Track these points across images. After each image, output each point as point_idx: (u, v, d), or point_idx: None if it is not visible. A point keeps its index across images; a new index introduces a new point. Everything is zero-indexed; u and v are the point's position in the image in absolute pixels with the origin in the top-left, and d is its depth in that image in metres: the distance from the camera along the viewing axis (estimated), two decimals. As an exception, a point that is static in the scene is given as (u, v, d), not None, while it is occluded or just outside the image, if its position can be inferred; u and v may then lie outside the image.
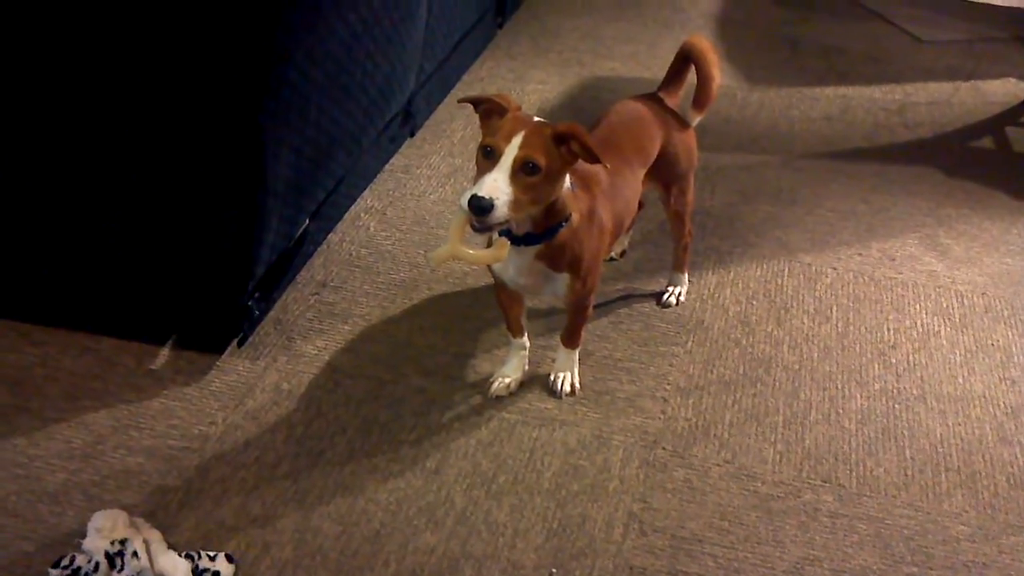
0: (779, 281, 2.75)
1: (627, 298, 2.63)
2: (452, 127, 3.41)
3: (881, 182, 3.27)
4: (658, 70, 2.50)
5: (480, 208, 1.71)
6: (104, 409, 2.18)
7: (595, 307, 2.38)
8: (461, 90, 3.67)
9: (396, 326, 2.48)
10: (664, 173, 2.34)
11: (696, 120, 2.39)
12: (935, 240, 2.97)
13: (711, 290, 2.69)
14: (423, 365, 2.36)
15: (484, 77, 3.79)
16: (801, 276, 2.77)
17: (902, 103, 3.83)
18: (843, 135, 3.57)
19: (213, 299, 2.31)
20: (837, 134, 3.58)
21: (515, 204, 1.75)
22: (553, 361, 2.34)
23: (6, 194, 2.22)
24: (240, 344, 2.38)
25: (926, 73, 4.11)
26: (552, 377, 2.31)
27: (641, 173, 2.26)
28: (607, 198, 2.09)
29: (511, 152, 1.75)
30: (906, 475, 2.15)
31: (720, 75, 2.38)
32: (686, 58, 2.37)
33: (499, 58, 3.96)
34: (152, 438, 2.12)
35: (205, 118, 2.04)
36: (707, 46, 2.36)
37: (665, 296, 2.62)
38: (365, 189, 3.02)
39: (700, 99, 2.35)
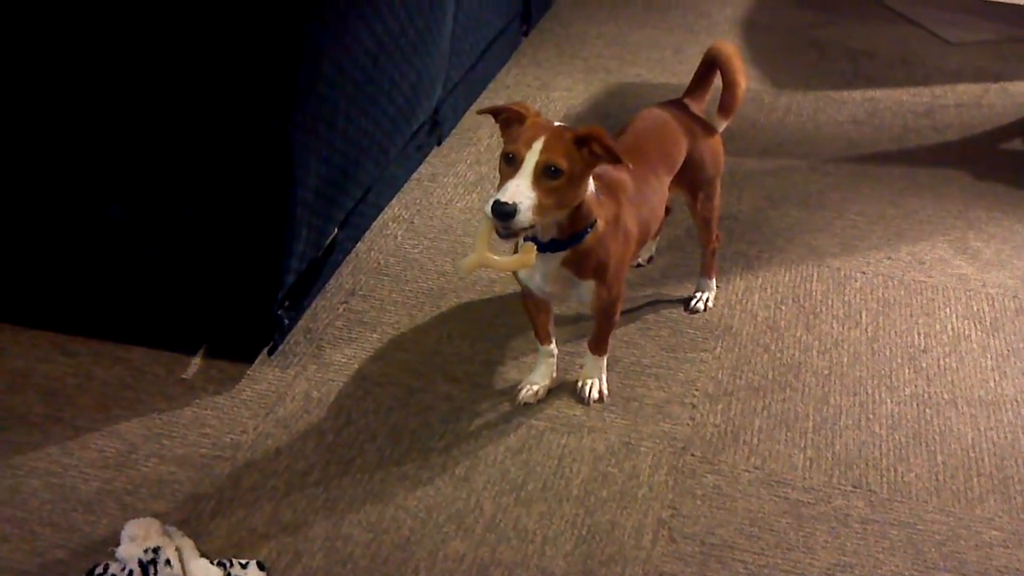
0: (808, 286, 2.74)
1: (655, 304, 2.62)
2: (478, 135, 3.42)
3: (910, 185, 3.25)
4: (684, 76, 2.50)
5: (504, 213, 1.73)
6: (136, 418, 2.21)
7: (622, 313, 2.38)
8: (487, 98, 3.68)
9: (424, 334, 2.49)
10: (690, 179, 2.34)
11: (722, 126, 2.39)
12: (965, 243, 2.95)
13: (739, 295, 2.68)
14: (451, 373, 2.37)
15: (510, 85, 3.80)
16: (830, 280, 2.76)
17: (930, 106, 3.80)
18: (871, 138, 3.55)
19: (243, 309, 2.33)
20: (865, 137, 3.56)
21: (539, 208, 1.76)
22: (581, 368, 2.34)
23: (39, 205, 2.25)
24: (270, 353, 2.40)
25: (954, 75, 4.08)
26: (580, 384, 2.31)
27: (667, 179, 2.26)
28: (633, 204, 2.09)
29: (532, 157, 1.76)
30: (937, 480, 2.14)
31: (746, 81, 2.38)
32: (711, 64, 2.37)
33: (525, 65, 3.97)
34: (184, 447, 2.14)
35: (234, 129, 2.06)
36: (732, 51, 2.36)
37: (693, 302, 2.61)
38: (392, 198, 3.03)
39: (726, 105, 2.36)
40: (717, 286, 2.65)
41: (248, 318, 2.35)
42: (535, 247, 1.90)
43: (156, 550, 1.80)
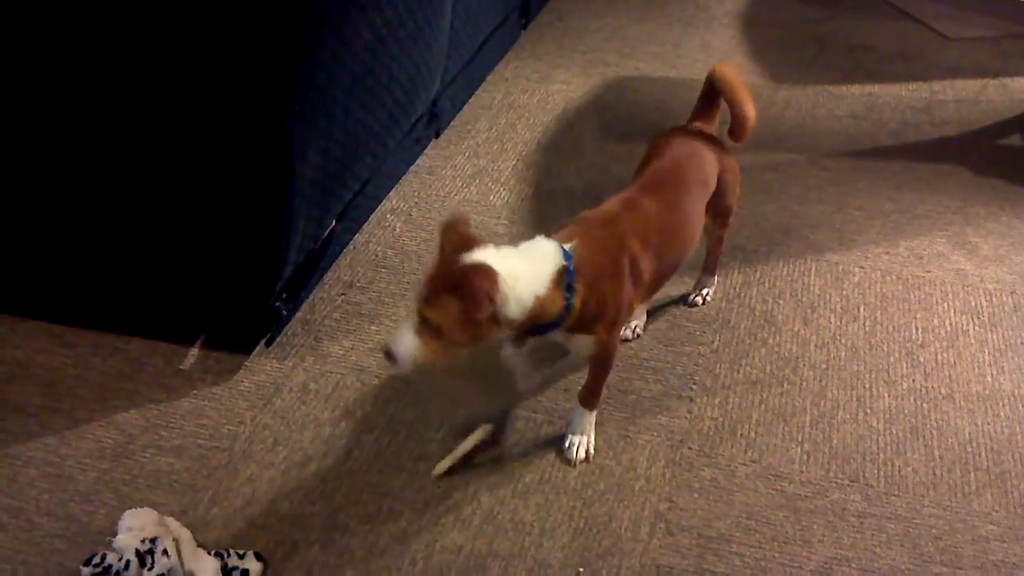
0: (806, 280, 2.74)
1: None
2: (477, 128, 3.42)
3: (908, 180, 3.25)
4: (683, 69, 2.50)
5: (387, 355, 1.76)
6: (134, 409, 2.21)
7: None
8: (486, 91, 3.67)
9: (422, 326, 2.49)
10: (717, 203, 2.28)
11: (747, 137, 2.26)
12: (963, 238, 2.95)
13: (737, 289, 2.68)
14: (449, 365, 2.37)
15: (508, 78, 3.80)
16: (828, 275, 2.76)
17: (929, 101, 3.80)
18: (870, 133, 3.55)
19: (241, 300, 2.32)
20: (864, 132, 3.56)
21: (426, 357, 1.75)
22: (567, 423, 2.21)
23: (36, 197, 2.25)
24: (268, 344, 2.40)
25: (953, 71, 4.07)
26: (567, 443, 2.15)
27: (703, 202, 2.20)
28: (655, 241, 1.99)
29: (417, 304, 1.75)
30: (934, 474, 2.14)
31: (753, 108, 2.22)
32: (715, 88, 2.27)
33: (523, 58, 3.97)
34: (182, 437, 2.14)
35: (232, 120, 2.06)
36: (734, 77, 2.24)
37: (692, 296, 2.61)
38: (391, 190, 3.03)
39: (737, 134, 2.22)
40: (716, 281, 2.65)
41: (246, 309, 2.35)
42: (488, 426, 2.08)
43: (154, 540, 1.80)
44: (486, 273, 1.69)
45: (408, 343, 1.74)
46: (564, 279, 1.80)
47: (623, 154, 2.10)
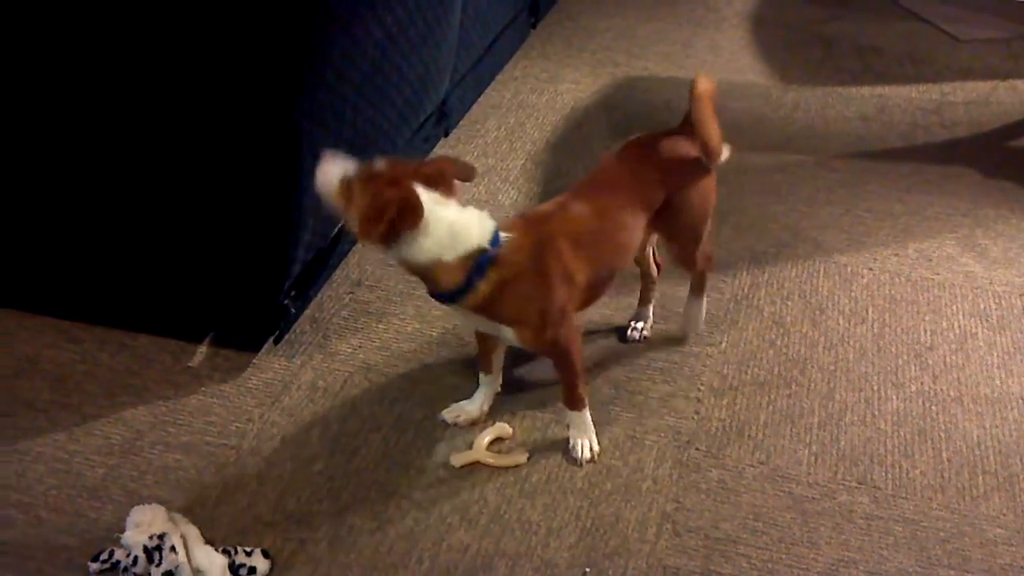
0: (814, 282, 2.73)
1: (659, 298, 2.61)
2: (486, 127, 3.42)
3: (918, 182, 3.24)
4: (692, 70, 2.51)
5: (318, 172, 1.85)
6: (142, 405, 2.21)
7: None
8: (495, 90, 3.67)
9: (430, 325, 2.49)
10: (668, 223, 2.17)
11: (717, 163, 2.14)
12: (972, 241, 2.94)
13: (745, 291, 2.68)
14: (457, 364, 2.37)
15: (518, 77, 3.80)
16: (837, 277, 2.76)
17: (939, 103, 3.79)
18: (879, 135, 3.55)
19: (250, 297, 2.33)
20: (873, 134, 3.55)
21: (336, 203, 1.85)
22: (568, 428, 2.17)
23: (46, 193, 2.25)
24: (276, 342, 2.40)
25: (964, 72, 4.06)
26: (571, 444, 2.14)
27: (643, 216, 2.10)
28: (585, 244, 1.97)
29: (360, 168, 1.85)
30: (942, 477, 2.14)
31: (715, 126, 2.08)
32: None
33: (533, 58, 3.97)
34: (190, 434, 2.14)
35: (242, 117, 2.06)
36: (703, 91, 2.09)
37: (682, 323, 2.47)
38: (399, 188, 3.02)
39: (706, 155, 2.12)
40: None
41: (255, 307, 2.35)
42: (527, 453, 2.10)
43: (162, 537, 1.80)
44: (411, 209, 1.77)
45: (330, 182, 1.83)
46: (476, 259, 1.83)
47: (665, 129, 2.13)
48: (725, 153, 2.13)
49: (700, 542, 1.96)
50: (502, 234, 1.88)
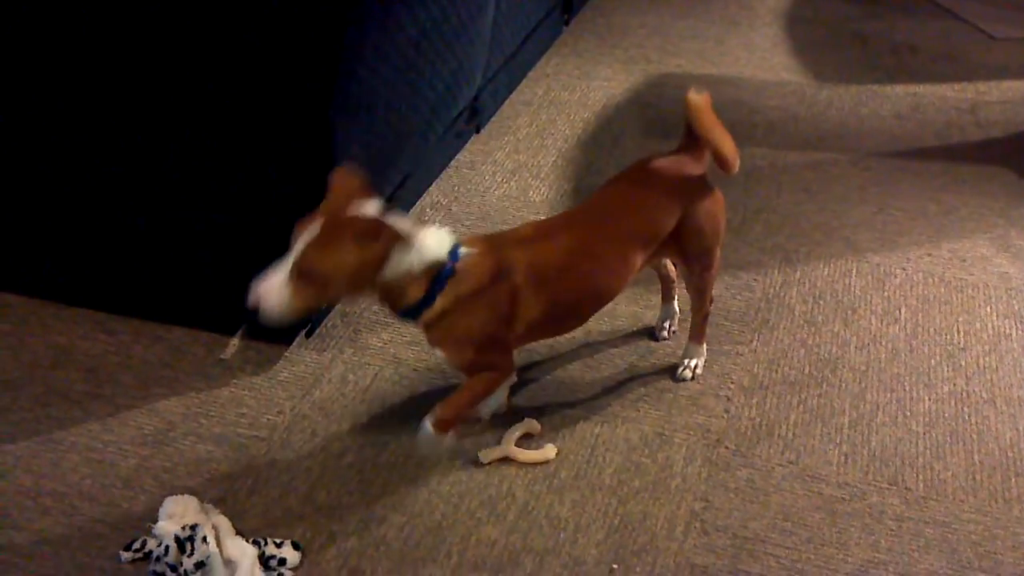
0: (847, 281, 2.72)
1: (683, 295, 2.61)
2: (517, 123, 3.42)
3: (952, 182, 3.22)
4: (725, 67, 2.49)
5: (251, 304, 1.71)
6: (175, 397, 2.23)
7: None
8: (527, 87, 3.68)
9: (460, 320, 2.50)
10: (684, 248, 2.10)
11: (734, 170, 2.04)
12: (1007, 241, 2.92)
13: (776, 289, 2.67)
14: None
15: (550, 74, 3.80)
16: (869, 276, 2.74)
17: (974, 101, 3.75)
18: (913, 134, 3.52)
19: (282, 291, 2.34)
20: (907, 133, 3.52)
21: (292, 308, 1.71)
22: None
23: (85, 187, 2.28)
24: (308, 336, 2.42)
25: (999, 71, 4.02)
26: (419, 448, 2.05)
27: (640, 253, 2.02)
28: (548, 281, 1.91)
29: (295, 252, 1.70)
30: (974, 479, 2.12)
31: (723, 135, 2.02)
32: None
33: (565, 55, 3.96)
34: (222, 426, 2.16)
35: (276, 113, 2.08)
36: (699, 104, 2.00)
37: (680, 370, 2.34)
38: (431, 184, 3.04)
39: (722, 168, 2.04)
40: (707, 347, 2.40)
41: (286, 301, 2.36)
42: (555, 449, 2.10)
43: (194, 527, 1.82)
44: (387, 225, 1.70)
45: (279, 291, 1.70)
46: (438, 270, 1.80)
47: (664, 152, 2.08)
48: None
49: (728, 541, 1.96)
50: (462, 249, 1.84)
